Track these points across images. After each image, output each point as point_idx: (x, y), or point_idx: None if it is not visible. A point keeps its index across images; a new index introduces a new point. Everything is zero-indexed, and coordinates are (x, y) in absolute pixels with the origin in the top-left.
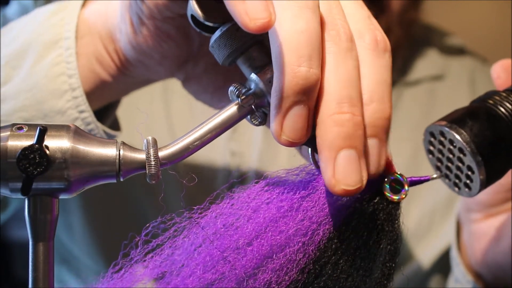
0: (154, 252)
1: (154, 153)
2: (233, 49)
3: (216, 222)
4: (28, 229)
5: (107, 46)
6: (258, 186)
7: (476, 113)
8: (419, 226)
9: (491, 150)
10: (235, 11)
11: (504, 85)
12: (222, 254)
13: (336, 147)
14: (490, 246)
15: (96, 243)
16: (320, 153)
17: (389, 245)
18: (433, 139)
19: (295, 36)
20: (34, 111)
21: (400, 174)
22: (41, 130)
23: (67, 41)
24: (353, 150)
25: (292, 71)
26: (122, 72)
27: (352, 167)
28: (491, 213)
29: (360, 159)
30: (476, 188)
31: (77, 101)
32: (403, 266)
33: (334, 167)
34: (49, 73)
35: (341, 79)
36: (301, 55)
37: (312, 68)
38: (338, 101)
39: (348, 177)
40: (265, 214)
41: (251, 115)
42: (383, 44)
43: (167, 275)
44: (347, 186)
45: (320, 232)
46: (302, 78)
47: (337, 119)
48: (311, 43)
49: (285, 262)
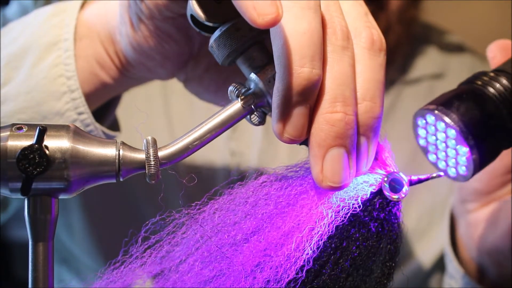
0: (153, 249)
1: (154, 153)
2: (233, 49)
3: (214, 218)
4: (28, 229)
5: (108, 48)
6: (256, 182)
7: (463, 94)
8: (419, 225)
9: (481, 128)
10: (243, 7)
11: (500, 64)
12: (220, 250)
13: (326, 145)
14: (488, 232)
15: (96, 243)
16: (311, 149)
17: (389, 245)
18: (422, 125)
19: (298, 37)
20: (33, 113)
21: (400, 173)
22: (41, 130)
23: (66, 43)
24: (342, 149)
25: (295, 72)
26: (123, 73)
27: (339, 165)
28: (487, 201)
29: (349, 157)
30: (470, 170)
31: (76, 102)
32: (403, 266)
33: (322, 164)
34: (48, 74)
35: (336, 77)
36: (304, 55)
37: (314, 69)
38: (332, 100)
39: (335, 175)
40: (263, 210)
41: (250, 115)
42: (379, 43)
43: (165, 272)
44: (333, 183)
45: (318, 229)
46: (305, 78)
47: (329, 118)
48: (314, 44)
49: (284, 259)
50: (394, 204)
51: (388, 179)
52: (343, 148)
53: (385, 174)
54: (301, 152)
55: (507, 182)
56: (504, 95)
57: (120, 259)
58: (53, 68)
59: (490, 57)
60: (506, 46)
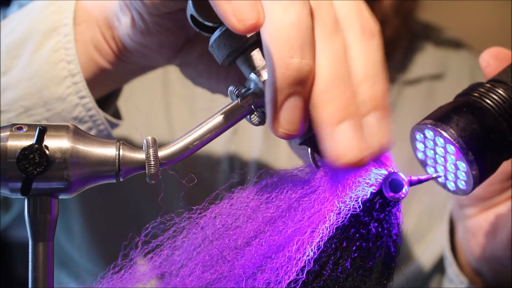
0: (153, 253)
1: (154, 153)
2: (233, 49)
3: (215, 222)
4: (28, 229)
5: (105, 33)
6: (257, 186)
7: (461, 107)
8: (419, 225)
9: (481, 143)
10: (222, 12)
11: (494, 73)
12: (222, 254)
13: (334, 121)
14: (487, 240)
15: (96, 246)
16: (320, 131)
17: (389, 245)
18: (420, 139)
19: (286, 28)
20: (35, 99)
21: (400, 174)
22: (41, 130)
23: (65, 28)
24: (348, 122)
25: (284, 64)
26: (120, 59)
27: (352, 138)
28: (486, 207)
29: (359, 131)
30: (470, 184)
31: (77, 86)
32: (403, 266)
33: (334, 141)
34: (49, 60)
35: (329, 58)
36: (293, 47)
37: (304, 59)
38: (328, 79)
39: (349, 151)
40: (264, 213)
41: (250, 115)
42: (370, 29)
43: (166, 276)
44: (351, 159)
45: (319, 231)
46: (295, 69)
47: (329, 96)
48: (302, 35)
49: (284, 261)
50: (394, 205)
51: (388, 179)
52: (350, 120)
53: (385, 174)
54: (302, 155)
55: (505, 188)
56: (503, 107)
57: (119, 263)
58: (53, 54)
59: (483, 66)
60: (498, 53)
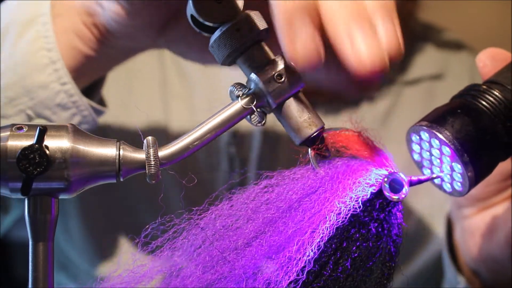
0: (153, 254)
1: (154, 153)
2: (233, 49)
3: (216, 223)
4: (28, 229)
5: (85, 21)
6: (257, 187)
7: (456, 109)
8: (419, 225)
9: (476, 145)
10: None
11: (491, 74)
12: (222, 255)
13: (350, 31)
14: (484, 240)
15: (95, 248)
16: (337, 45)
17: (389, 245)
18: (416, 141)
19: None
20: (18, 88)
21: (400, 174)
22: (41, 130)
23: (43, 17)
24: (362, 28)
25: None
26: (104, 43)
27: (370, 43)
28: (483, 207)
29: (375, 38)
30: (466, 186)
31: (59, 73)
32: (403, 266)
33: (354, 48)
34: (29, 50)
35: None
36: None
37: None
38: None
39: (371, 55)
40: (264, 214)
41: (250, 115)
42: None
43: (167, 276)
44: (375, 62)
45: (319, 231)
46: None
47: (340, 7)
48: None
49: (285, 261)
50: (394, 205)
51: (388, 180)
52: (363, 25)
53: (385, 174)
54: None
55: (503, 189)
56: (498, 109)
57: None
58: (33, 43)
59: (479, 67)
60: (496, 54)
